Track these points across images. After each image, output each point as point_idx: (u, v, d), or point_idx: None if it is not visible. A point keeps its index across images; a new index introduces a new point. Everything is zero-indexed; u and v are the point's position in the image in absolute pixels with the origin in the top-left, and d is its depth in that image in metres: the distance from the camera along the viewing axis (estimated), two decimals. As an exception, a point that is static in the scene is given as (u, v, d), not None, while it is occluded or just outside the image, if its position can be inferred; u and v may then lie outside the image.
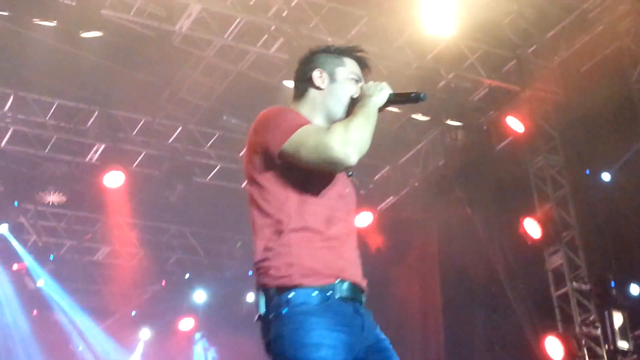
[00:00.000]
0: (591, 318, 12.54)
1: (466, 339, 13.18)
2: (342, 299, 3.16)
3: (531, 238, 11.40)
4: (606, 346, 12.24)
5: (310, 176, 3.24)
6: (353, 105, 3.40)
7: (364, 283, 3.31)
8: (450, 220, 12.74)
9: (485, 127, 11.69)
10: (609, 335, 12.11)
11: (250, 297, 15.04)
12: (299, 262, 3.16)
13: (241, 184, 13.04)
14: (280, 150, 3.19)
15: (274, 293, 3.16)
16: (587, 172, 11.48)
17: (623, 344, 12.20)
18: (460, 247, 12.68)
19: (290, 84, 10.75)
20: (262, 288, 3.21)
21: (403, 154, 12.86)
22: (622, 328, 12.20)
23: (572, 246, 12.62)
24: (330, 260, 3.20)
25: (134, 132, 12.24)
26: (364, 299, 3.29)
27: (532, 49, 11.03)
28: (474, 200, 12.28)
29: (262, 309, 3.19)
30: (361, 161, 11.47)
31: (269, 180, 3.27)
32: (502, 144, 11.59)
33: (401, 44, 10.70)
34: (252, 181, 3.33)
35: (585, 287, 12.61)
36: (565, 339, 12.28)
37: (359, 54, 3.57)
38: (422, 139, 12.44)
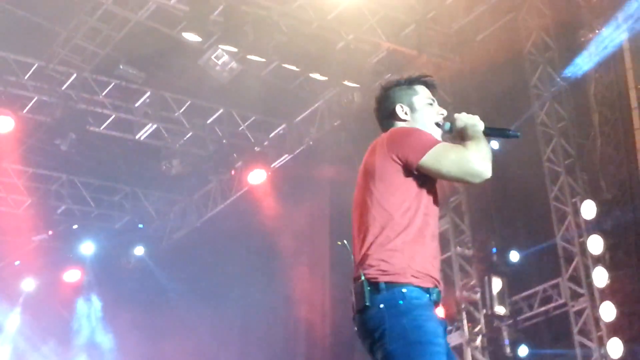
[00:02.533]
0: (472, 283, 12.93)
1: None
2: (434, 301, 3.57)
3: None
4: (484, 310, 12.65)
5: (430, 191, 3.64)
6: (450, 130, 3.77)
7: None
8: (342, 180, 12.88)
9: (382, 90, 11.81)
10: (487, 300, 12.50)
11: (139, 250, 14.95)
12: (412, 264, 3.52)
13: (135, 135, 12.90)
14: (421, 162, 3.54)
15: (384, 287, 3.48)
16: None
17: (500, 309, 12.64)
18: (351, 208, 12.84)
19: (189, 36, 10.78)
20: (370, 281, 3.51)
21: (299, 112, 12.92)
22: (500, 293, 12.63)
23: (459, 211, 12.95)
24: (432, 268, 3.59)
25: (26, 77, 11.92)
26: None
27: (431, 15, 11.21)
28: (366, 162, 12.41)
29: (368, 301, 3.50)
30: (258, 117, 11.45)
31: (396, 186, 3.60)
32: (397, 108, 11.71)
33: (303, 2, 10.73)
34: (377, 181, 3.62)
35: (469, 252, 12.98)
36: (445, 302, 12.64)
37: (426, 79, 3.90)
38: (319, 99, 12.52)
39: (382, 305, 3.46)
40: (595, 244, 11.47)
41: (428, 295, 3.51)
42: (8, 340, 15.39)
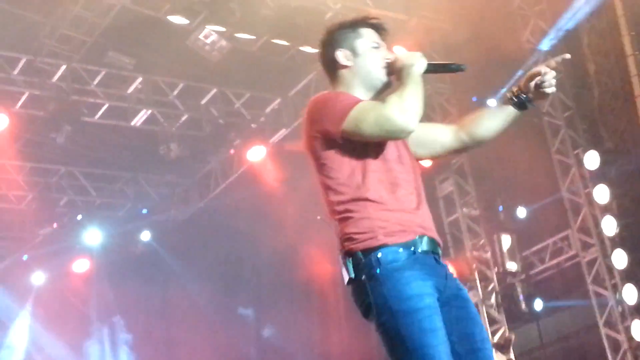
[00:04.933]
0: (481, 242, 12.94)
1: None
2: (423, 252, 3.39)
3: (421, 167, 11.59)
4: (495, 268, 12.68)
5: (368, 147, 3.45)
6: (392, 72, 3.56)
7: (439, 238, 3.52)
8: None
9: (373, 58, 11.72)
10: (498, 258, 12.54)
11: (146, 235, 14.96)
12: (380, 224, 3.37)
13: (130, 122, 12.82)
14: (342, 131, 3.39)
15: (361, 256, 3.35)
16: (474, 99, 11.71)
17: (512, 265, 12.68)
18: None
19: (175, 18, 10.68)
20: (348, 253, 3.39)
21: (293, 85, 12.81)
22: (510, 250, 12.68)
23: (462, 172, 12.92)
24: (407, 220, 3.41)
25: (15, 72, 11.81)
26: (440, 252, 3.50)
27: (419, -23, 11.09)
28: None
29: (352, 273, 3.37)
30: (252, 94, 11.36)
31: (332, 158, 3.46)
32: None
33: (289, -25, 10.61)
34: (316, 161, 3.52)
35: (475, 212, 12.97)
36: (457, 263, 12.65)
37: (372, 21, 3.71)
38: (311, 71, 12.41)
39: (363, 277, 3.34)
40: (602, 194, 11.48)
41: (409, 251, 3.35)
42: (23, 334, 15.45)
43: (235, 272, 14.37)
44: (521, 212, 12.43)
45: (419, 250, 3.37)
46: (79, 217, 14.67)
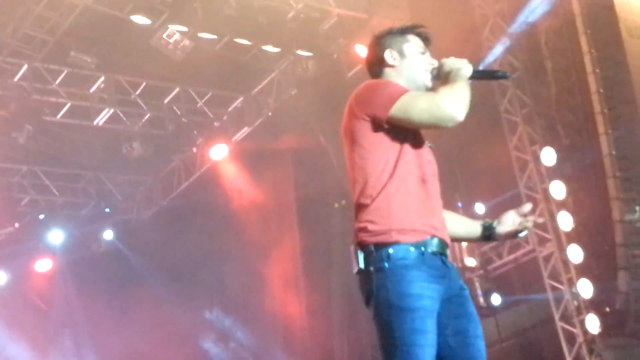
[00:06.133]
0: (439, 237, 13.08)
1: (323, 264, 13.52)
2: (433, 253, 3.53)
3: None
4: (454, 263, 12.85)
5: (407, 139, 3.60)
6: (437, 76, 3.72)
7: (449, 240, 3.67)
8: (304, 149, 12.95)
9: (335, 56, 11.87)
10: (456, 254, 12.69)
11: (108, 234, 14.93)
12: (397, 221, 3.50)
13: (93, 121, 12.82)
14: (390, 114, 3.53)
15: (373, 249, 3.50)
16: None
17: (470, 261, 12.83)
18: (315, 176, 12.93)
19: (138, 18, 10.72)
20: (360, 245, 3.54)
21: (256, 84, 12.91)
22: (468, 246, 12.82)
23: (421, 170, 13.05)
24: (424, 218, 3.56)
25: (-23, 72, 11.79)
26: (448, 252, 3.65)
27: (378, -24, 11.22)
28: (326, 130, 12.51)
29: (362, 264, 3.52)
30: (214, 93, 11.42)
31: (370, 142, 3.59)
32: (353, 72, 11.79)
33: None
34: (354, 142, 3.63)
35: (434, 208, 13.10)
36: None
37: (419, 29, 3.87)
38: (274, 69, 12.52)
39: (371, 268, 3.49)
40: (558, 189, 11.67)
41: (419, 250, 3.49)
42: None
43: (199, 271, 14.39)
44: (479, 208, 12.57)
45: (429, 251, 3.52)
46: (41, 216, 14.59)
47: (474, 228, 3.93)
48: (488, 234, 3.90)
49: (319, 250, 13.49)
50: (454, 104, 3.49)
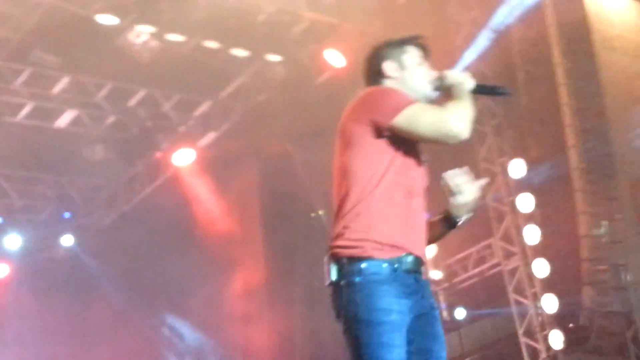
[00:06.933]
0: (405, 249, 13.01)
1: (287, 273, 13.41)
2: (406, 270, 3.49)
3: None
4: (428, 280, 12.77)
5: (399, 150, 3.57)
6: (438, 88, 3.70)
7: (425, 257, 3.63)
8: (271, 156, 12.83)
9: (306, 62, 11.76)
10: (422, 266, 12.62)
11: (68, 239, 14.66)
12: (374, 231, 3.47)
13: (55, 123, 12.57)
14: (393, 123, 3.49)
15: (346, 262, 3.47)
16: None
17: (435, 274, 12.79)
18: (281, 182, 12.83)
19: (104, 18, 10.52)
20: (334, 257, 3.50)
21: (224, 88, 12.75)
22: (434, 258, 12.77)
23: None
24: (403, 232, 3.52)
25: None
26: (423, 270, 3.61)
27: (351, -19, 11.15)
28: (293, 136, 12.41)
29: (334, 276, 3.49)
30: (181, 97, 11.21)
31: (364, 147, 3.55)
32: (322, 78, 11.71)
33: (221, -24, 10.56)
34: (348, 145, 3.59)
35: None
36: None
37: (418, 40, 3.84)
38: (243, 74, 12.37)
39: (342, 282, 3.47)
40: (525, 202, 11.66)
41: (393, 267, 3.46)
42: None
43: (160, 280, 14.16)
44: (445, 219, 12.52)
45: (402, 268, 3.48)
46: (-1, 220, 14.30)
47: (436, 225, 3.86)
48: (450, 218, 3.82)
49: (283, 260, 13.37)
50: (460, 121, 3.49)
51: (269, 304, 13.49)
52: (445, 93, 3.66)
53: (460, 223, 3.83)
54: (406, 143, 3.57)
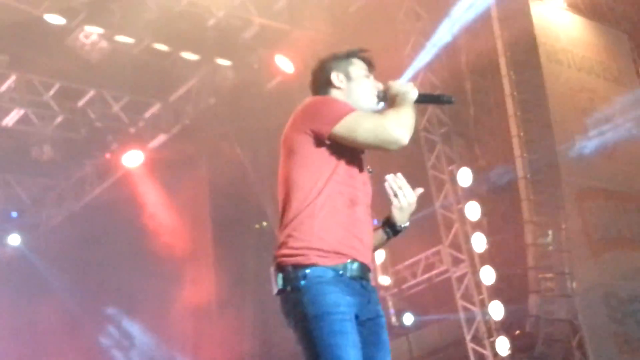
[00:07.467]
0: (355, 256, 13.04)
1: (237, 277, 13.39)
2: (351, 277, 3.53)
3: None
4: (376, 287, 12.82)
5: (342, 159, 3.61)
6: (382, 99, 3.78)
7: (372, 264, 3.66)
8: (221, 159, 12.80)
9: (256, 66, 11.74)
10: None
11: (14, 239, 14.50)
12: (318, 238, 3.51)
13: (1, 122, 12.40)
14: (332, 132, 3.54)
15: (291, 270, 3.50)
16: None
17: (384, 280, 12.84)
18: (231, 185, 12.80)
19: (52, 17, 10.40)
20: (279, 266, 3.54)
21: (174, 91, 12.68)
22: (383, 264, 12.83)
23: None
24: (346, 240, 3.55)
25: None
26: (370, 276, 3.63)
27: (302, -12, 11.15)
28: (243, 140, 12.39)
29: (280, 284, 3.53)
30: (131, 98, 11.08)
31: (306, 156, 3.60)
32: (272, 84, 11.70)
33: (171, -21, 10.50)
34: (291, 154, 3.63)
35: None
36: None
37: (363, 54, 3.91)
38: (193, 77, 12.32)
39: (289, 288, 3.50)
40: (473, 210, 11.74)
41: (338, 273, 3.49)
42: None
43: (108, 280, 14.06)
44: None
45: (347, 275, 3.51)
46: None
47: (379, 232, 3.90)
48: (393, 224, 3.88)
49: (232, 264, 13.34)
50: (399, 127, 3.53)
51: (217, 306, 13.46)
52: (389, 103, 3.73)
53: (401, 229, 3.89)
54: (348, 152, 3.61)
